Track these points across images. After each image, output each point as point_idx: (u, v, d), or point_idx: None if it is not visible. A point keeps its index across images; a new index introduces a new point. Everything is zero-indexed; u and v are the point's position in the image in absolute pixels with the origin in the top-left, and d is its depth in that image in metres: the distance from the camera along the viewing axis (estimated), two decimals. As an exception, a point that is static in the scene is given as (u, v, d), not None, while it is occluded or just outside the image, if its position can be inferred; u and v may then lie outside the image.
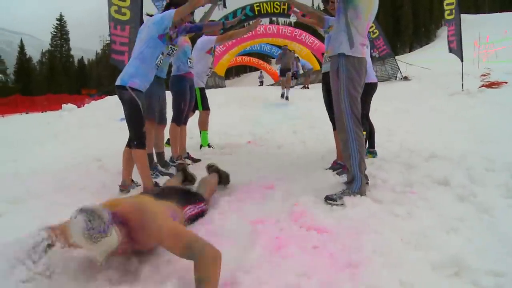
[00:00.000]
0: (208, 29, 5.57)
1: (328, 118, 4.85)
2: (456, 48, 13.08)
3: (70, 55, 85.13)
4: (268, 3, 19.91)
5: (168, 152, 5.34)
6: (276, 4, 19.82)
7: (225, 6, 5.10)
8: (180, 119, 5.40)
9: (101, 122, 10.15)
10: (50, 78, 74.71)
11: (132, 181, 4.24)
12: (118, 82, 3.90)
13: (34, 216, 3.23)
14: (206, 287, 1.92)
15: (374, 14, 3.58)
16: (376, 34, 18.03)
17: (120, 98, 3.93)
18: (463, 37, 13.04)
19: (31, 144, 7.60)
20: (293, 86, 20.10)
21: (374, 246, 2.35)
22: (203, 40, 6.06)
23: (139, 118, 3.91)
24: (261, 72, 40.26)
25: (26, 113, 20.94)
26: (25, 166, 5.34)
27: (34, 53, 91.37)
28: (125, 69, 3.96)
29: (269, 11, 20.09)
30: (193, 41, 6.04)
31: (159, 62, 4.04)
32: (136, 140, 3.93)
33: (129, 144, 4.05)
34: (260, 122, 8.99)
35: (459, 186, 3.46)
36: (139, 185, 4.14)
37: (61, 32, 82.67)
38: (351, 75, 3.43)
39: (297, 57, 24.51)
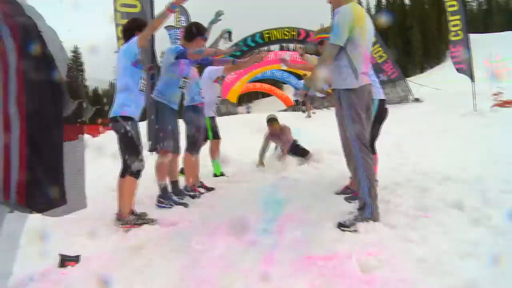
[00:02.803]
0: (218, 64, 5.71)
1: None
2: (466, 69, 13.10)
3: (85, 85, 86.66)
4: (278, 30, 20.31)
5: (182, 182, 5.39)
6: (286, 31, 20.19)
7: (230, 40, 5.25)
8: (194, 149, 5.47)
9: (117, 152, 10.22)
10: (66, 109, 75.90)
11: (133, 212, 4.14)
12: (110, 114, 4.00)
13: (49, 248, 3.30)
14: None
15: (371, 35, 3.66)
16: (384, 58, 18.16)
17: (114, 130, 4.02)
18: (473, 57, 13.06)
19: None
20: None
21: (387, 272, 2.36)
22: (210, 69, 6.19)
23: (134, 147, 3.97)
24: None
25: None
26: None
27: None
28: (115, 101, 4.06)
29: (279, 38, 20.47)
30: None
31: (142, 87, 4.10)
32: (132, 168, 3.96)
33: (123, 174, 4.05)
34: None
35: (473, 209, 3.45)
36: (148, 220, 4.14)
37: (76, 64, 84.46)
38: (352, 102, 3.48)
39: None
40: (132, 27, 4.31)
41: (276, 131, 7.60)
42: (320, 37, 4.84)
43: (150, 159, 4.90)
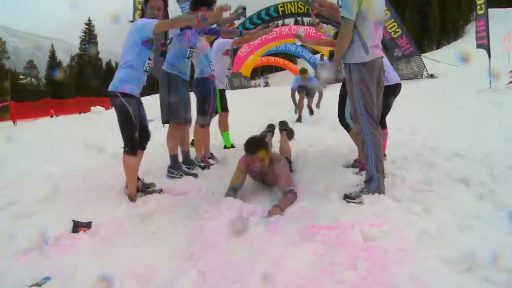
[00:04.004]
0: (226, 35, 5.72)
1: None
2: (486, 44, 12.90)
3: (98, 58, 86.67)
4: (292, 4, 19.90)
5: (192, 154, 5.46)
6: (300, 4, 19.77)
7: (244, 16, 5.22)
8: (204, 121, 5.52)
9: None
10: (80, 81, 76.20)
11: (139, 179, 4.28)
12: (109, 87, 3.93)
13: (63, 215, 3.43)
14: None
15: (380, 7, 3.60)
16: (399, 33, 17.80)
17: (112, 105, 3.98)
18: (492, 32, 12.81)
19: (61, 145, 7.84)
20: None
21: (388, 241, 2.42)
22: (219, 42, 6.19)
23: (130, 124, 3.93)
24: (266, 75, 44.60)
25: (57, 116, 21.54)
26: (56, 166, 5.56)
27: (64, 57, 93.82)
28: (116, 74, 4.00)
29: (293, 11, 20.09)
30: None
31: (147, 68, 4.04)
32: (127, 146, 3.99)
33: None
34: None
35: (479, 184, 3.48)
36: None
37: (89, 36, 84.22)
38: (363, 76, 3.47)
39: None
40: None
41: (258, 167, 4.02)
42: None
43: (162, 131, 4.97)
